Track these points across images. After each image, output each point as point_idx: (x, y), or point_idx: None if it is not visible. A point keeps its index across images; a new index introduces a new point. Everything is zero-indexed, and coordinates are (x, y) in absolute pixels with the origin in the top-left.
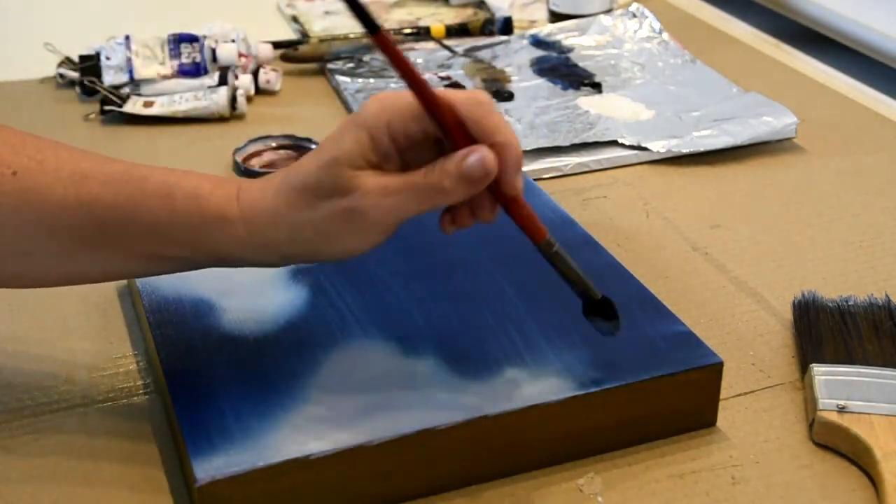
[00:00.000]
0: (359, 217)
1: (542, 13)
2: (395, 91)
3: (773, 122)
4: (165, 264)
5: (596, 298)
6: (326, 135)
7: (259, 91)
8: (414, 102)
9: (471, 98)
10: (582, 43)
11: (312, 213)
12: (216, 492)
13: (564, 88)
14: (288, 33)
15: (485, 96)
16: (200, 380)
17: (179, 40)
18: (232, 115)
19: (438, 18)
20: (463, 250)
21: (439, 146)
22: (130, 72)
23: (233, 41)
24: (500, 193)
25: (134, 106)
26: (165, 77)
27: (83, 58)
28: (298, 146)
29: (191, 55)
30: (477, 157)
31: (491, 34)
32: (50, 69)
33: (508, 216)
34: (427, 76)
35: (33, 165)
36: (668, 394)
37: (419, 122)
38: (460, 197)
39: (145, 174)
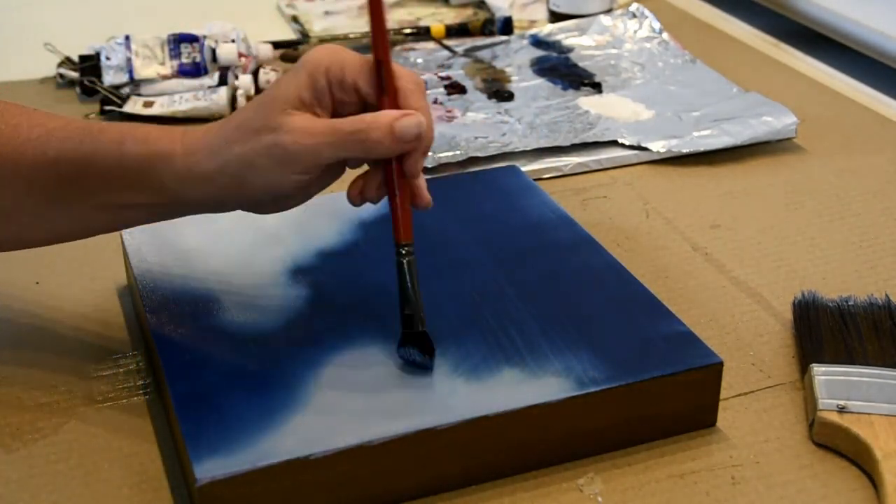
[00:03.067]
0: (280, 152)
1: (542, 13)
2: (341, 46)
3: (773, 122)
4: (129, 214)
5: (417, 330)
6: None
7: (259, 91)
8: (355, 58)
9: (411, 76)
10: (582, 43)
11: (242, 146)
12: (216, 492)
13: (564, 88)
14: (288, 33)
15: (421, 80)
16: (200, 380)
17: (179, 40)
18: None
19: (438, 18)
20: (463, 250)
21: (363, 110)
22: (130, 72)
23: (233, 41)
24: (400, 171)
25: (134, 106)
26: (165, 77)
27: (83, 58)
28: None
29: (191, 55)
30: (415, 119)
31: (491, 34)
32: (50, 69)
33: (389, 203)
34: (427, 76)
35: (9, 131)
36: (668, 394)
37: (354, 74)
38: (384, 152)
39: (103, 128)
